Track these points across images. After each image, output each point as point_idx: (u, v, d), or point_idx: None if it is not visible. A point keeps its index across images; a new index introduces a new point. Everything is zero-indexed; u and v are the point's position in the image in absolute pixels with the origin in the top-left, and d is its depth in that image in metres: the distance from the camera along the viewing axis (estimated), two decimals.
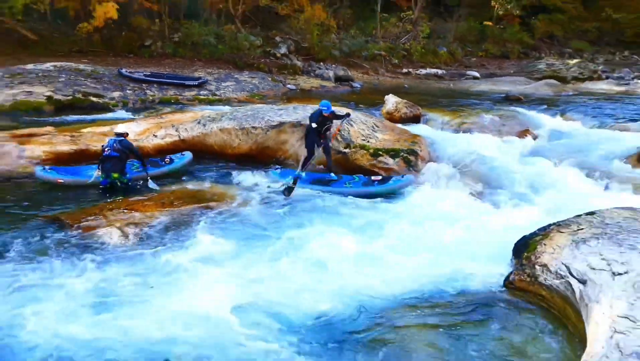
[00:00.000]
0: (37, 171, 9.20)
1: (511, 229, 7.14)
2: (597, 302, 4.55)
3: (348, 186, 9.36)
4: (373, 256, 6.72)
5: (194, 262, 6.35)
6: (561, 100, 19.42)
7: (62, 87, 16.55)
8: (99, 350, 4.66)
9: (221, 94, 18.90)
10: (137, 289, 5.76)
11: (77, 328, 4.94)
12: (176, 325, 5.07)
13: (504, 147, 11.81)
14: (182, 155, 10.49)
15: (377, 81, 25.59)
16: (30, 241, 6.80)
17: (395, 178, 9.45)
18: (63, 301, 5.43)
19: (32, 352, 4.55)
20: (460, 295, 5.87)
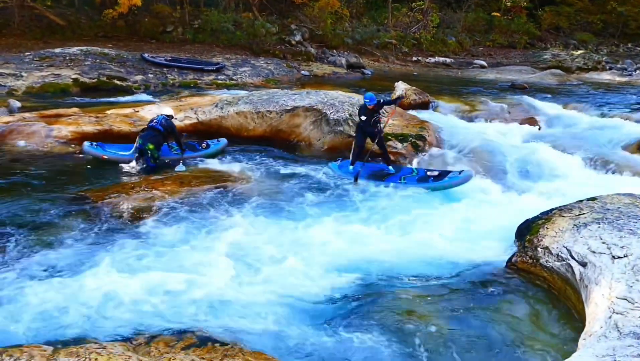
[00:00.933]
0: (85, 146, 9.31)
1: (514, 213, 7.08)
2: (597, 284, 4.51)
3: (402, 182, 8.56)
4: (378, 236, 6.68)
5: (209, 239, 6.36)
6: (565, 89, 19.10)
7: (87, 70, 16.55)
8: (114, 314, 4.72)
9: (238, 79, 18.80)
10: (151, 262, 5.79)
11: (86, 297, 4.98)
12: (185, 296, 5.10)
13: (509, 134, 11.67)
14: (218, 141, 10.45)
15: (388, 68, 25.31)
16: (57, 216, 6.83)
17: (453, 175, 8.52)
18: (76, 272, 5.48)
19: (39, 320, 4.59)
20: (463, 274, 5.84)
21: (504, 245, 6.36)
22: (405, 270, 5.88)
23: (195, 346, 3.87)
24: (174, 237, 6.44)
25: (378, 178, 8.82)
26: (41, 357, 3.41)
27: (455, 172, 8.61)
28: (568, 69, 25.28)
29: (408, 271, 5.87)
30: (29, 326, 4.38)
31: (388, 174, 8.90)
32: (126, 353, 3.62)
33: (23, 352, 3.47)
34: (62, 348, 3.63)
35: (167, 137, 9.22)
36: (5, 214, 6.77)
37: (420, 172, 8.84)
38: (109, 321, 4.59)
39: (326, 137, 10.79)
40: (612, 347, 3.36)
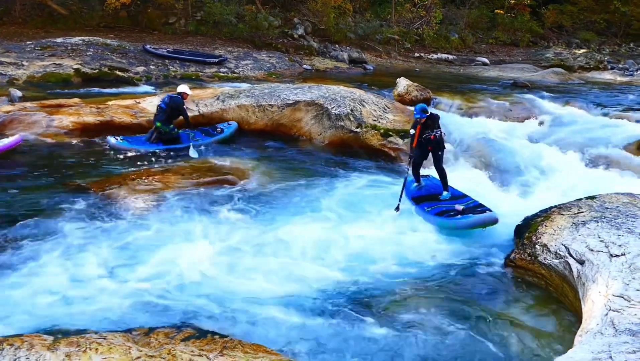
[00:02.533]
0: (109, 140, 9.59)
1: (513, 210, 7.11)
2: (594, 282, 4.53)
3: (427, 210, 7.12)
4: (375, 231, 6.69)
5: (209, 232, 6.37)
6: (567, 88, 19.06)
7: (89, 60, 16.49)
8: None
9: (240, 72, 18.75)
10: (149, 255, 5.80)
11: (87, 288, 5.01)
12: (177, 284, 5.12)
13: (510, 132, 11.66)
14: (229, 124, 10.79)
15: (390, 64, 25.25)
16: (57, 206, 6.86)
17: (476, 214, 6.76)
18: (77, 262, 5.50)
19: (39, 310, 4.61)
20: (462, 271, 5.88)
21: (503, 243, 6.39)
22: (404, 265, 5.90)
23: (194, 338, 3.90)
24: (174, 229, 6.46)
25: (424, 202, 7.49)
26: (42, 346, 3.43)
27: (482, 207, 6.98)
28: (570, 68, 25.19)
29: (407, 266, 5.90)
30: (29, 316, 4.41)
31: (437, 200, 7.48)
32: (126, 344, 3.64)
33: (24, 341, 3.49)
34: (62, 337, 3.65)
35: (173, 112, 9.59)
36: (4, 204, 6.78)
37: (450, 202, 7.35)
38: (108, 312, 4.62)
39: (327, 132, 10.79)
40: (607, 344, 3.38)
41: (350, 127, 10.63)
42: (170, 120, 9.72)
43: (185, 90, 9.87)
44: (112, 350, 3.51)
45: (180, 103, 9.65)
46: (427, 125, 7.43)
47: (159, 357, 3.51)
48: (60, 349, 3.43)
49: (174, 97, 9.68)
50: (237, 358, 3.64)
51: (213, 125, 10.61)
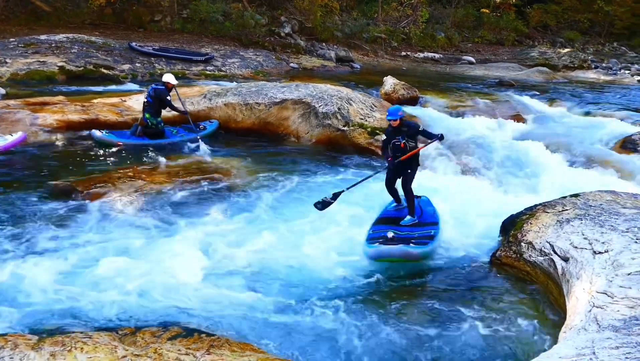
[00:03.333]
0: (93, 133, 9.56)
1: (499, 208, 7.16)
2: (578, 278, 4.58)
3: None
4: (358, 230, 6.69)
5: (194, 231, 6.34)
6: (551, 87, 19.28)
7: (74, 58, 16.29)
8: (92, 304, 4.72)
9: (227, 70, 18.67)
10: (135, 253, 5.77)
11: (72, 287, 4.96)
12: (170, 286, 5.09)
13: (496, 130, 11.77)
14: (211, 122, 10.82)
15: (377, 63, 25.31)
16: (42, 205, 6.78)
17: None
18: (63, 261, 5.45)
19: (22, 310, 4.57)
20: (448, 267, 5.92)
21: (488, 240, 6.44)
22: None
23: (181, 337, 3.88)
24: (159, 228, 6.43)
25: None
26: (26, 346, 3.39)
27: (425, 240, 5.98)
28: (555, 67, 25.48)
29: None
30: (12, 316, 4.35)
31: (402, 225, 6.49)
32: (112, 343, 3.61)
33: (7, 341, 3.45)
34: (47, 337, 3.61)
35: (160, 103, 9.59)
36: None
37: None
38: (93, 311, 4.58)
39: (314, 130, 10.79)
40: (591, 340, 3.43)
41: (338, 126, 10.64)
42: (158, 112, 9.70)
43: (169, 79, 9.77)
44: (97, 349, 3.48)
45: (164, 93, 9.57)
46: (400, 131, 6.38)
47: (146, 356, 3.49)
48: (44, 348, 3.40)
49: (157, 87, 9.62)
50: (224, 356, 3.63)
51: (196, 123, 10.47)
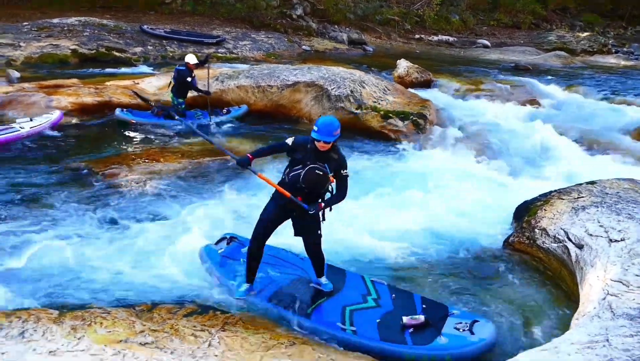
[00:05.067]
0: (116, 112, 9.86)
1: (513, 193, 7.16)
2: (592, 266, 4.59)
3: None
4: (377, 215, 6.73)
5: (208, 211, 6.42)
6: (569, 72, 19.03)
7: (86, 41, 16.41)
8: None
9: (238, 53, 18.67)
10: (148, 233, 5.86)
11: (89, 265, 5.10)
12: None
13: (511, 115, 11.68)
14: (239, 107, 10.84)
15: (390, 45, 25.11)
16: (59, 185, 6.92)
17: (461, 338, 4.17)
18: (80, 239, 5.57)
19: (43, 286, 4.70)
20: (459, 253, 5.91)
21: (502, 226, 6.45)
22: (400, 241, 5.96)
23: (196, 314, 3.99)
24: (171, 208, 6.52)
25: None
26: (48, 320, 3.52)
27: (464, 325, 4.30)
28: (573, 51, 25.07)
29: (403, 241, 5.96)
30: (33, 291, 4.49)
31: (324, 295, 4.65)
32: (130, 318, 3.73)
33: (30, 315, 3.57)
34: (67, 312, 3.74)
35: (182, 83, 9.70)
36: (4, 185, 6.83)
37: (386, 306, 4.58)
38: (110, 288, 4.70)
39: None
40: (605, 327, 3.45)
41: (350, 109, 10.65)
42: (180, 93, 9.84)
43: (189, 59, 9.84)
44: (116, 324, 3.60)
45: (185, 74, 9.67)
46: (326, 158, 4.21)
47: (162, 331, 3.60)
48: (65, 322, 3.52)
49: (180, 68, 9.77)
50: (238, 333, 3.74)
51: (223, 108, 10.63)
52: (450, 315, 4.40)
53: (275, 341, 3.65)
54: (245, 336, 3.69)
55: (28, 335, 3.31)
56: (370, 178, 8.04)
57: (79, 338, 3.33)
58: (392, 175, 8.22)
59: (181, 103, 9.92)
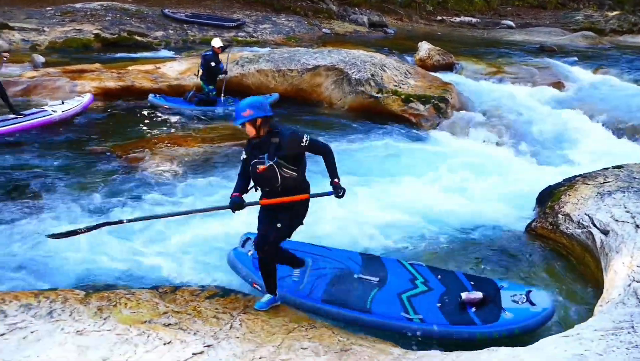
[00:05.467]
0: (150, 97, 10.00)
1: (536, 178, 7.06)
2: (618, 252, 4.51)
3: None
4: (396, 199, 6.70)
5: (225, 195, 6.44)
6: (596, 53, 18.53)
7: (108, 25, 16.55)
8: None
9: (258, 36, 18.63)
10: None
11: (113, 247, 5.16)
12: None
13: (535, 98, 11.45)
14: (270, 95, 10.72)
15: (411, 28, 24.76)
16: (84, 168, 7.06)
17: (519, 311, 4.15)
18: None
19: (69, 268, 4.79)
20: (482, 236, 5.89)
21: (524, 210, 6.38)
22: (425, 224, 5.97)
23: (218, 297, 4.05)
24: (191, 193, 6.58)
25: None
26: (74, 300, 3.61)
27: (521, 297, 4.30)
28: (601, 31, 24.35)
29: (429, 225, 5.96)
30: (61, 273, 4.62)
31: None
32: (154, 300, 3.81)
33: (58, 295, 3.67)
34: (93, 292, 3.83)
35: (210, 69, 9.74)
36: (30, 169, 6.98)
37: (437, 287, 4.50)
38: (134, 271, 4.80)
39: (347, 97, 10.75)
40: (629, 313, 3.40)
41: (371, 92, 10.57)
42: (209, 79, 9.89)
43: (214, 44, 9.90)
44: (140, 305, 3.68)
45: (210, 59, 9.72)
46: (265, 146, 3.75)
47: (185, 313, 3.67)
48: (92, 303, 3.61)
49: (206, 54, 9.83)
50: (259, 316, 3.79)
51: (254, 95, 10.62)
52: (501, 289, 4.40)
53: (295, 325, 3.69)
54: (265, 319, 3.74)
55: (56, 314, 3.41)
56: (390, 162, 8.00)
57: (105, 319, 3.41)
58: (412, 159, 8.17)
59: (212, 90, 9.97)
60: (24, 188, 6.40)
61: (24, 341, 3.08)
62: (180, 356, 3.02)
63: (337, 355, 3.20)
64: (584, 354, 2.93)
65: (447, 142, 9.16)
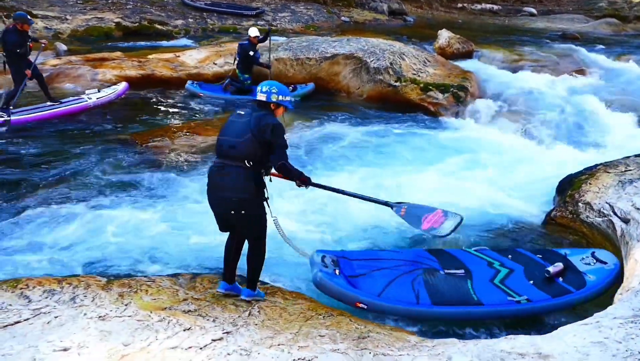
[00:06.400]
0: (187, 85, 10.15)
1: (556, 167, 6.96)
2: (639, 241, 4.43)
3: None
4: (414, 188, 6.64)
5: None
6: (620, 40, 18.05)
7: (129, 14, 16.64)
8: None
9: (277, 25, 18.53)
10: (187, 203, 5.97)
11: (133, 235, 5.23)
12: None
13: (557, 86, 11.20)
14: (306, 85, 10.67)
15: (431, 15, 24.41)
16: (105, 156, 7.12)
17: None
18: (125, 212, 5.69)
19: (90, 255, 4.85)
20: (502, 225, 5.83)
21: (545, 199, 6.29)
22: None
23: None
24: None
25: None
26: (97, 286, 3.67)
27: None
28: (624, 18, 23.67)
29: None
30: (83, 260, 4.68)
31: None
32: (173, 287, 3.85)
33: (80, 281, 3.74)
34: (114, 279, 3.89)
35: (245, 61, 9.80)
36: (51, 155, 7.08)
37: (516, 267, 4.65)
38: (155, 258, 4.84)
39: (365, 85, 10.66)
40: None
41: (390, 81, 10.46)
42: (245, 68, 9.91)
43: (251, 33, 9.90)
44: (160, 292, 3.73)
45: (247, 49, 9.74)
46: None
47: (204, 300, 3.71)
48: (113, 289, 3.67)
49: (242, 43, 9.90)
50: (277, 303, 3.80)
51: (293, 85, 10.39)
52: (566, 255, 4.78)
53: (313, 313, 3.70)
54: (284, 306, 3.76)
55: (79, 300, 3.47)
56: (408, 151, 7.94)
57: (126, 305, 3.46)
58: (430, 148, 8.10)
59: (247, 78, 9.97)
60: (49, 174, 6.48)
61: (48, 326, 3.13)
62: (200, 342, 3.05)
63: (354, 342, 3.20)
64: (603, 342, 2.91)
65: (467, 131, 9.05)
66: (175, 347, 2.98)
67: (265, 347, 3.04)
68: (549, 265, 4.56)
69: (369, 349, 3.09)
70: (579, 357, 2.77)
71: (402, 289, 4.24)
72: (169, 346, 2.99)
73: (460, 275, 4.49)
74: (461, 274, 4.50)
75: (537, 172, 7.14)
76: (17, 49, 7.76)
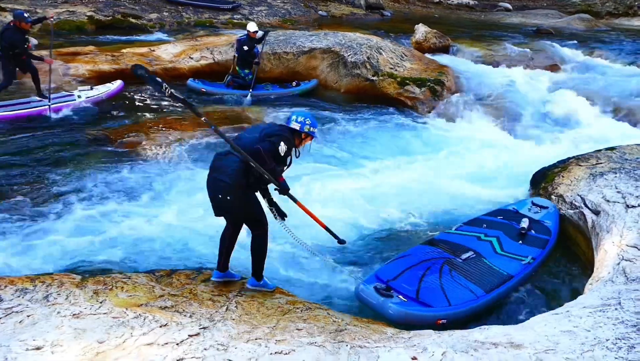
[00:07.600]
0: (189, 82, 10.08)
1: (531, 160, 7.09)
2: (608, 232, 4.56)
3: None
4: (392, 181, 6.71)
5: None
6: (593, 35, 18.43)
7: (102, 7, 16.31)
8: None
9: (254, 19, 18.37)
10: (166, 201, 5.95)
11: (108, 231, 5.17)
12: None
13: (531, 81, 11.41)
14: (309, 81, 10.67)
15: (408, 10, 24.53)
16: (78, 153, 7.01)
17: None
18: (101, 209, 5.64)
19: (65, 253, 4.78)
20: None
21: (519, 192, 6.41)
22: (426, 209, 6.01)
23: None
24: (187, 177, 6.57)
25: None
26: (71, 284, 3.62)
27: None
28: (597, 14, 24.18)
29: (428, 209, 6.01)
30: (56, 257, 4.62)
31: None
32: (150, 283, 3.82)
33: (54, 279, 3.68)
34: (89, 276, 3.85)
35: (244, 53, 9.74)
36: (23, 153, 6.93)
37: (494, 233, 5.08)
38: (130, 255, 4.80)
39: (343, 80, 10.69)
40: (617, 291, 3.46)
41: (367, 75, 10.51)
42: (244, 63, 9.86)
43: (250, 28, 9.84)
44: (136, 289, 3.70)
45: (244, 43, 9.70)
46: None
47: (181, 296, 3.69)
48: (88, 287, 3.63)
49: (240, 38, 9.83)
50: (255, 298, 3.81)
51: (292, 81, 10.55)
52: (517, 210, 5.50)
53: (291, 306, 3.72)
54: (261, 301, 3.77)
55: (52, 298, 3.42)
56: (385, 145, 8.00)
57: (101, 302, 3.42)
58: (407, 142, 8.18)
59: (247, 74, 9.91)
60: (20, 172, 6.35)
61: (20, 325, 3.08)
62: (176, 338, 3.04)
63: (331, 335, 3.23)
64: (573, 330, 2.99)
65: (443, 124, 9.16)
66: (151, 343, 2.96)
67: (242, 341, 3.05)
68: (515, 224, 5.16)
69: (346, 342, 3.12)
70: (549, 345, 2.85)
71: (434, 286, 4.18)
72: (144, 342, 2.97)
73: (473, 257, 4.69)
74: (473, 256, 4.70)
75: (511, 164, 7.27)
76: (16, 49, 7.82)
